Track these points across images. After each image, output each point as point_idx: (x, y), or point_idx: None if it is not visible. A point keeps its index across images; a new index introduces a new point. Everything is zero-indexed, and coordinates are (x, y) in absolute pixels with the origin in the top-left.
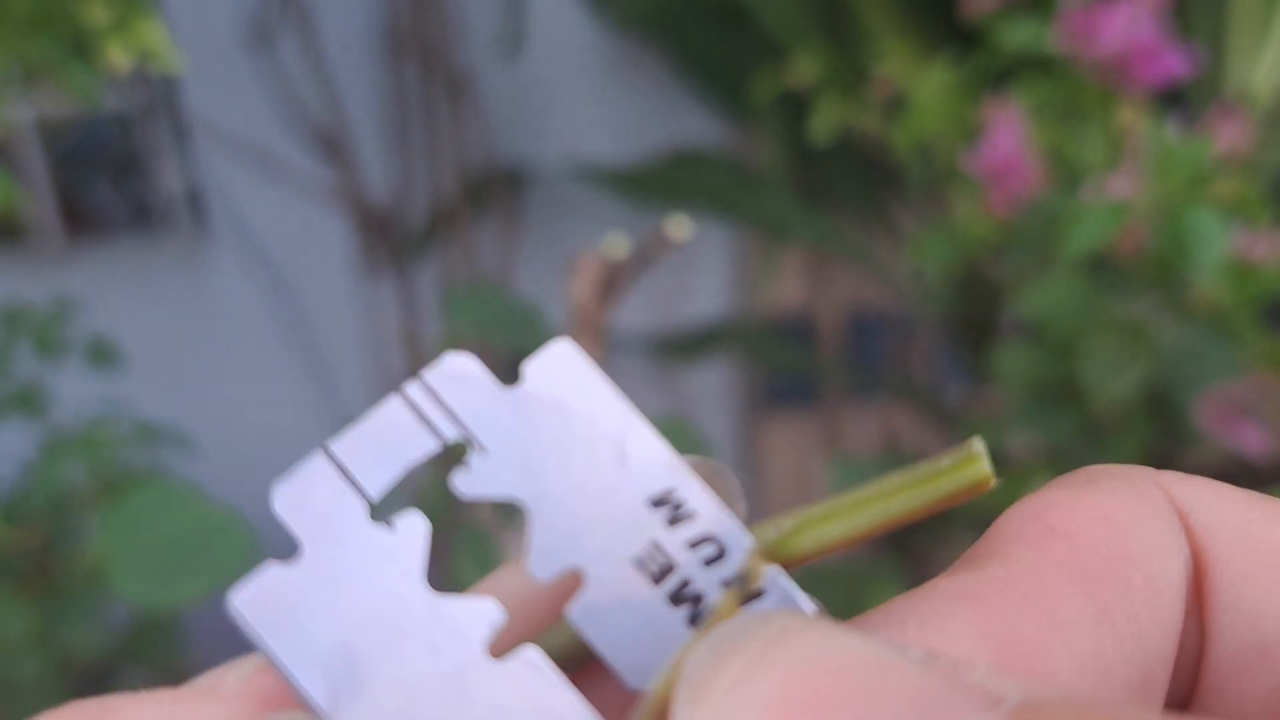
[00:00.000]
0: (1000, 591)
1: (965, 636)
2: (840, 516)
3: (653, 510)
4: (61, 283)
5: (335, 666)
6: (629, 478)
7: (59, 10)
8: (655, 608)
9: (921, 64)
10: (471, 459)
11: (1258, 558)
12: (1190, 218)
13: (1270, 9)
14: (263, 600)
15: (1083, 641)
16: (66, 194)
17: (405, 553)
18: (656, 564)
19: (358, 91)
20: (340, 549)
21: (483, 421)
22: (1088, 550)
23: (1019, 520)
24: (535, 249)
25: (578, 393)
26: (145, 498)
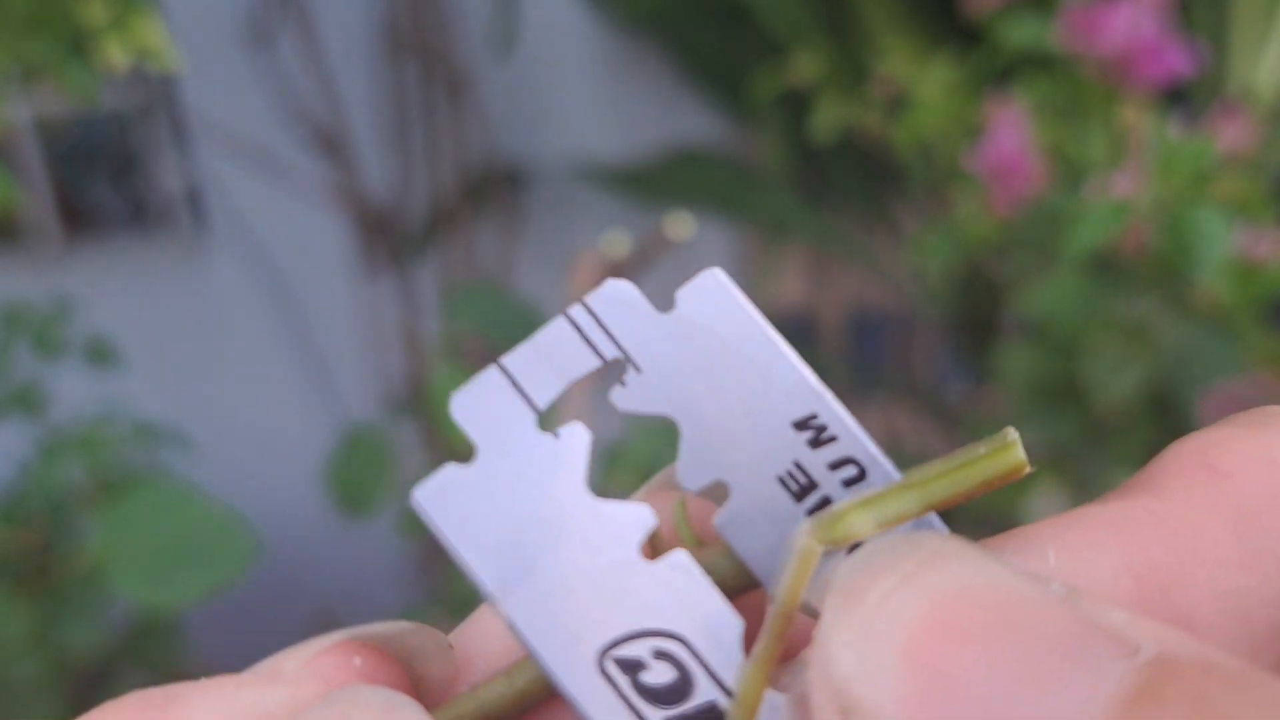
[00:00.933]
0: (1148, 523)
1: (1107, 566)
2: (889, 500)
3: (797, 432)
4: (60, 282)
5: (504, 557)
6: (774, 400)
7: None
8: (795, 521)
9: (923, 62)
10: (627, 377)
11: None
12: (1193, 217)
13: (1273, 7)
14: (442, 495)
15: (1227, 581)
16: (65, 193)
17: (569, 459)
18: (798, 482)
19: (357, 90)
20: (511, 453)
21: (639, 343)
22: (1245, 490)
23: (1181, 456)
24: (535, 248)
25: (727, 319)
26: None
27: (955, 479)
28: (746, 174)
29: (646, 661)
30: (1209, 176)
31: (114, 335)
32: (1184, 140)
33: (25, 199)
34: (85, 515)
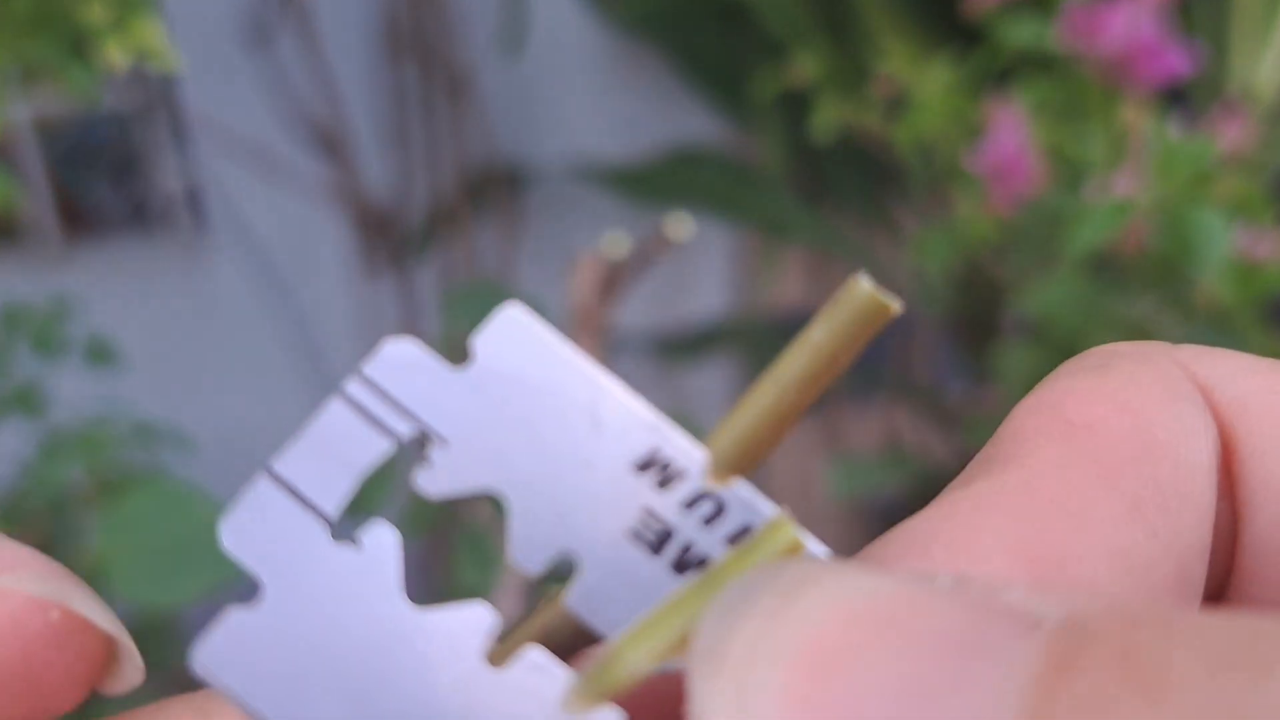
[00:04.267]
0: (1025, 498)
1: (996, 554)
2: (752, 406)
3: (639, 475)
4: (60, 282)
5: (323, 709)
6: (608, 444)
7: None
8: (659, 580)
9: (923, 62)
10: (432, 454)
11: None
12: (1193, 217)
13: (1273, 7)
14: (230, 652)
15: (1117, 541)
16: (64, 193)
17: (378, 569)
18: (653, 532)
19: (357, 90)
20: (306, 579)
21: (437, 410)
22: (1111, 442)
23: (1034, 415)
24: (535, 248)
25: (536, 361)
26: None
27: (815, 346)
28: (746, 174)
29: None
30: (1209, 176)
31: (114, 335)
32: (1184, 140)
33: (25, 199)
34: (85, 515)
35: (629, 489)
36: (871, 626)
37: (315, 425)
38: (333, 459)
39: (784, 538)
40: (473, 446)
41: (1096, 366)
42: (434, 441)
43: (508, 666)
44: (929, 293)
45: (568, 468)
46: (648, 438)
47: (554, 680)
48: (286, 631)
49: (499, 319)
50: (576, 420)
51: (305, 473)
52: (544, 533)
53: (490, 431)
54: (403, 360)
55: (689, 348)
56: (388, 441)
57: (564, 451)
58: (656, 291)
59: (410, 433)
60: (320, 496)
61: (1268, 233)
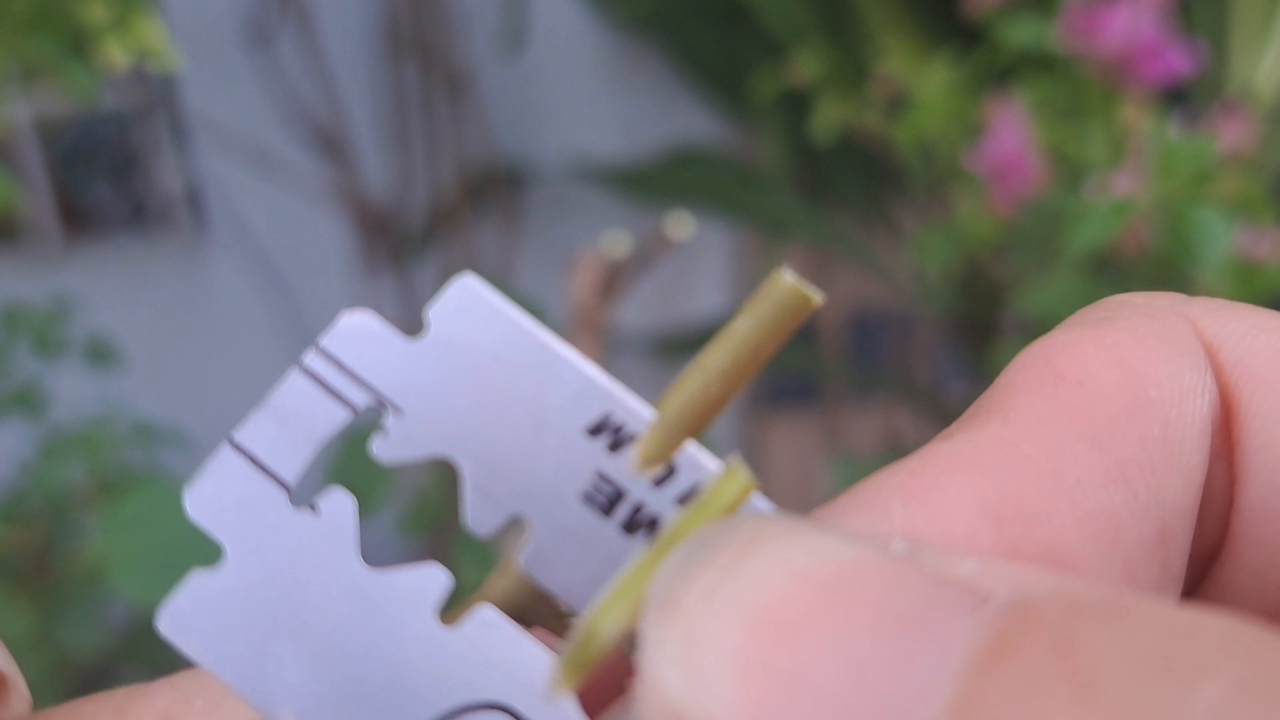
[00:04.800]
0: (1000, 454)
1: (961, 512)
2: (679, 397)
3: (592, 439)
4: (60, 282)
5: (284, 670)
6: (561, 409)
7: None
8: (609, 541)
9: (923, 62)
10: (387, 422)
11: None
12: (1193, 216)
13: (1273, 7)
14: (193, 614)
15: (1092, 503)
16: (64, 193)
17: (336, 534)
18: (604, 495)
19: (357, 90)
20: (267, 543)
21: (391, 380)
22: (1100, 399)
23: (1026, 368)
24: (535, 248)
25: (489, 329)
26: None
27: (742, 341)
28: (746, 174)
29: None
30: (1209, 176)
31: (114, 335)
32: (1184, 140)
33: (25, 199)
34: (85, 515)
35: (581, 452)
36: (821, 593)
37: (275, 396)
38: (292, 429)
39: (738, 482)
40: (427, 414)
41: (1100, 319)
42: (389, 410)
43: (460, 624)
44: (929, 293)
45: (520, 433)
46: (600, 402)
47: (504, 636)
48: (248, 594)
49: (453, 289)
50: (530, 386)
51: (266, 442)
52: (497, 497)
53: (444, 399)
54: (359, 332)
55: (689, 348)
56: (345, 411)
57: (517, 417)
58: (656, 291)
59: (366, 402)
60: (280, 465)
61: (1268, 232)
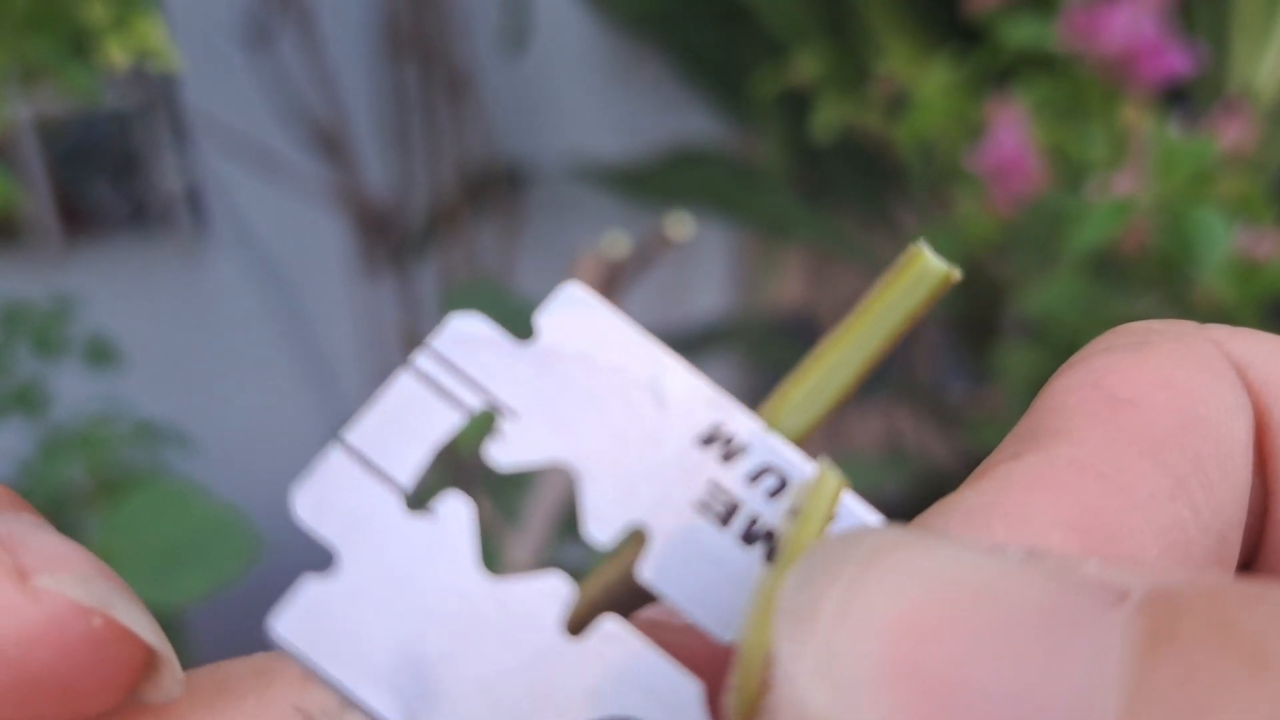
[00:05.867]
0: (1075, 473)
1: (1052, 527)
2: (817, 373)
3: (704, 449)
4: (60, 282)
5: (404, 679)
6: (672, 419)
7: (58, 9)
8: (728, 551)
9: (923, 62)
10: (503, 426)
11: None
12: (1194, 216)
13: (1273, 7)
14: (307, 621)
15: (1163, 517)
16: (65, 193)
17: (453, 539)
18: (720, 504)
19: (357, 90)
20: (381, 549)
21: (506, 383)
22: (1155, 418)
23: (1077, 390)
24: (535, 248)
25: (599, 338)
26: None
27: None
28: (746, 174)
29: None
30: (1209, 176)
31: (114, 335)
32: (1184, 140)
33: (25, 199)
34: (85, 515)
35: (694, 462)
36: (960, 599)
37: (385, 397)
38: (405, 430)
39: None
40: (542, 419)
41: (1134, 344)
42: (504, 414)
43: (585, 636)
44: None
45: (634, 442)
46: (710, 413)
47: (630, 649)
48: (363, 602)
49: (561, 296)
50: (640, 396)
51: (378, 443)
52: (614, 504)
53: (558, 405)
54: (469, 335)
55: (689, 347)
56: (458, 413)
57: (629, 426)
58: (656, 291)
59: (479, 405)
60: (394, 467)
61: (1268, 233)
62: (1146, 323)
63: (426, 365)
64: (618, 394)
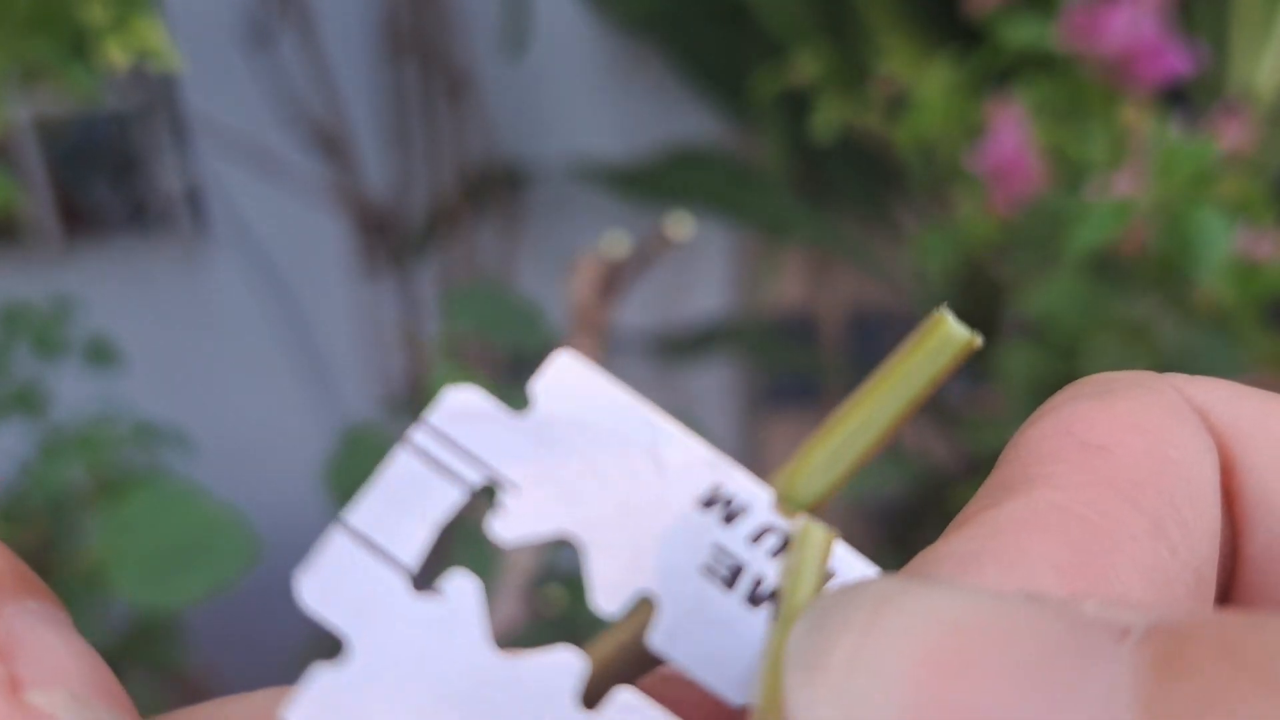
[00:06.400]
0: (1058, 516)
1: (1044, 569)
2: (836, 438)
3: (705, 512)
4: (60, 282)
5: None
6: (672, 483)
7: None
8: (736, 614)
9: (923, 62)
10: (505, 500)
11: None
12: (1194, 217)
13: (1273, 7)
14: (321, 712)
15: (1145, 556)
16: (64, 193)
17: (463, 618)
18: (725, 568)
19: (357, 90)
20: (390, 632)
21: (505, 457)
22: (1129, 462)
23: (1049, 437)
24: (535, 248)
25: (594, 405)
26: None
27: (900, 383)
28: (746, 174)
29: None
30: (1209, 177)
31: (114, 335)
32: (1184, 140)
33: (25, 199)
34: (85, 515)
35: (697, 526)
36: (972, 638)
37: (385, 477)
38: (406, 509)
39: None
40: (543, 491)
41: (1099, 392)
42: (504, 487)
43: (600, 709)
44: (929, 293)
45: (636, 509)
46: (709, 474)
47: (647, 718)
48: (376, 688)
49: (553, 366)
50: (639, 462)
51: (380, 524)
52: (620, 574)
53: (558, 475)
54: (466, 408)
55: (689, 348)
56: (458, 489)
57: (631, 493)
58: (656, 291)
59: (480, 480)
60: (397, 548)
61: (1268, 233)
62: (1108, 374)
63: (424, 442)
64: (617, 461)
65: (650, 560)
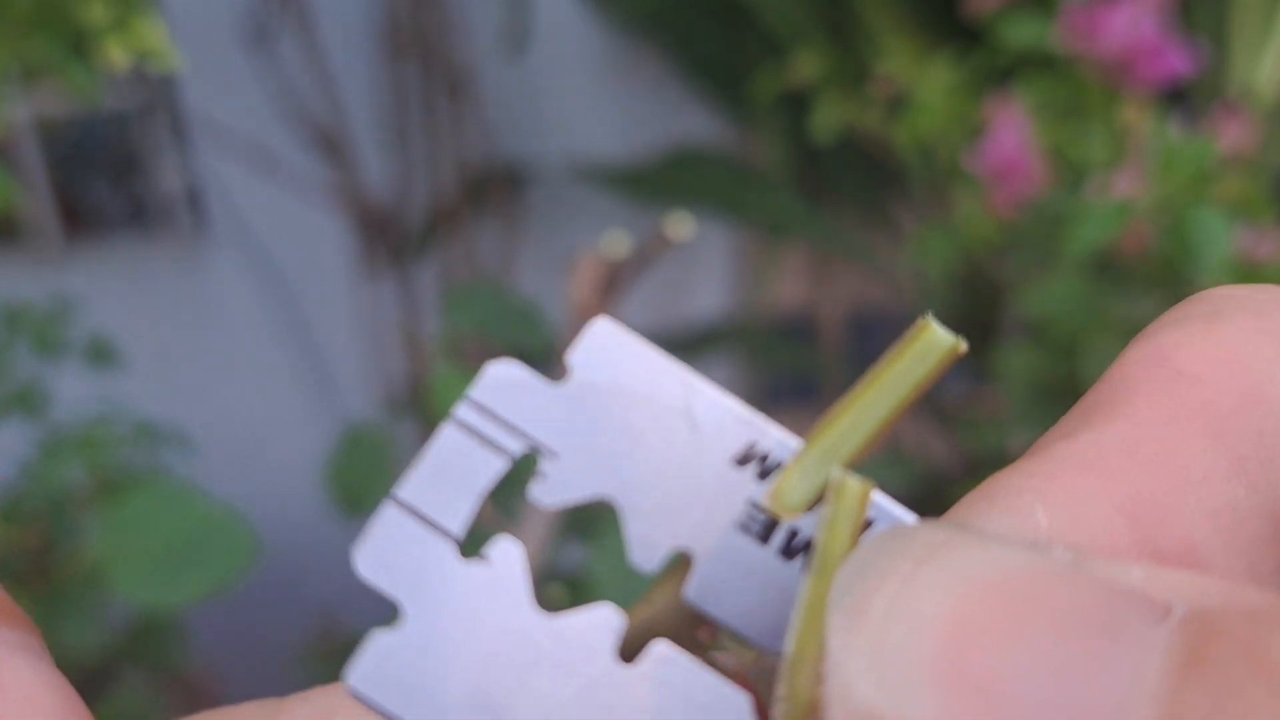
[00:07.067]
0: (1126, 454)
1: (1099, 512)
2: (824, 442)
3: (739, 469)
4: (60, 282)
5: (475, 718)
6: (707, 442)
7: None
8: (770, 567)
9: (923, 62)
10: (544, 467)
11: None
12: (1194, 217)
13: (1273, 7)
14: (380, 673)
15: (1216, 499)
16: (65, 193)
17: (508, 582)
18: (758, 523)
19: (357, 90)
20: (442, 597)
21: (544, 425)
22: (1217, 395)
23: (1139, 363)
24: (535, 248)
25: (630, 370)
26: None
27: (886, 389)
28: (747, 174)
29: None
30: (1210, 177)
31: (114, 335)
32: (1184, 140)
33: (25, 199)
34: (85, 515)
35: (732, 482)
36: (1007, 601)
37: (432, 451)
38: (452, 481)
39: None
40: (581, 457)
41: (1208, 314)
42: (544, 455)
43: (638, 662)
44: (929, 293)
45: (672, 469)
46: (744, 432)
47: (684, 670)
48: (431, 650)
49: (590, 333)
50: (674, 423)
51: (428, 497)
52: (657, 532)
53: (596, 441)
54: (506, 381)
55: (689, 347)
56: (502, 460)
57: (666, 454)
58: (656, 291)
59: (521, 449)
60: (445, 518)
61: (1268, 233)
62: (1224, 290)
63: (467, 415)
64: (652, 424)
65: (686, 518)
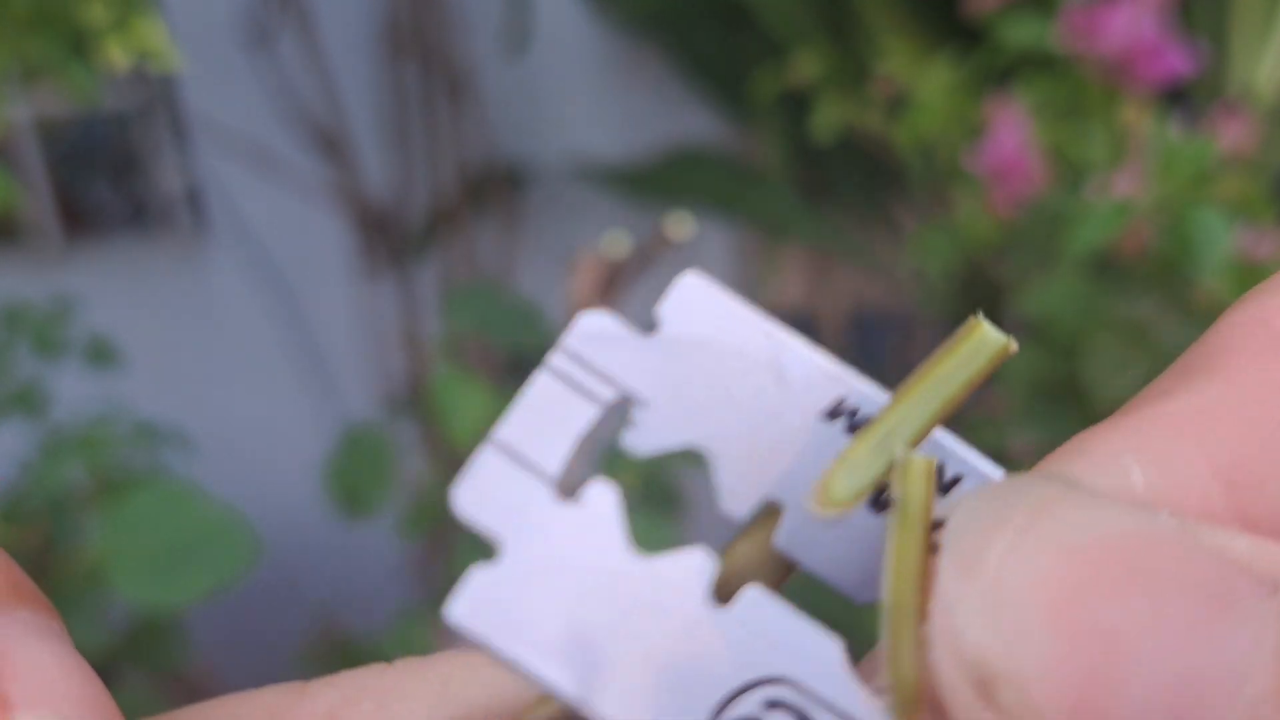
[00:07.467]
0: (1224, 415)
1: (1195, 475)
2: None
3: (829, 423)
4: (60, 282)
5: (573, 653)
6: (794, 396)
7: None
8: (859, 518)
9: (923, 62)
10: (636, 415)
11: None
12: (1194, 217)
13: (1273, 7)
14: (480, 606)
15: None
16: (65, 193)
17: (603, 522)
18: None
19: (357, 90)
20: (539, 535)
21: (636, 374)
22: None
23: (1242, 326)
24: (535, 248)
25: (718, 323)
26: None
27: (935, 386)
28: (747, 174)
29: (760, 717)
30: (1209, 177)
31: (114, 335)
32: (1184, 140)
33: (25, 199)
34: (85, 515)
35: (822, 435)
36: (1125, 560)
37: (527, 396)
38: (548, 424)
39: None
40: (672, 406)
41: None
42: (636, 403)
43: (731, 605)
44: (929, 293)
45: (760, 420)
46: (832, 387)
47: (776, 613)
48: (529, 584)
49: (680, 285)
50: (763, 375)
51: (524, 438)
52: (747, 482)
53: (686, 391)
54: (598, 331)
55: None
56: (594, 406)
57: (756, 405)
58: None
59: (613, 397)
60: (542, 459)
61: (1268, 233)
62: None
63: (561, 363)
64: (741, 376)
65: (775, 468)
